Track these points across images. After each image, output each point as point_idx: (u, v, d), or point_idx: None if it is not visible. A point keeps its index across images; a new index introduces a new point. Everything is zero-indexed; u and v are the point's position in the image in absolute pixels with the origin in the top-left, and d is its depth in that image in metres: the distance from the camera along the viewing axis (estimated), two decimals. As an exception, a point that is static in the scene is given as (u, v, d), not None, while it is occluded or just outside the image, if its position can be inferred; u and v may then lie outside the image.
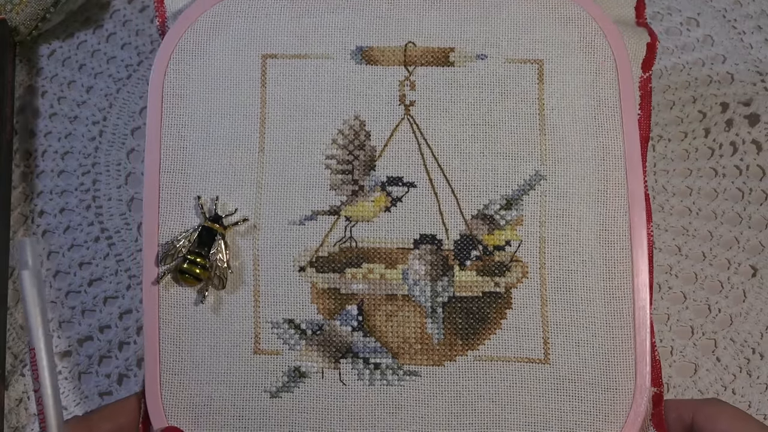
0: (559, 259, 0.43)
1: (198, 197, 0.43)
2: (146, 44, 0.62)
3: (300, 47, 0.45)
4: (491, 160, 0.43)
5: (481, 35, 0.45)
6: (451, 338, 0.43)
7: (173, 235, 0.43)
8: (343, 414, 0.42)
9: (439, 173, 0.44)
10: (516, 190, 0.43)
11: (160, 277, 0.43)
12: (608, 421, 0.42)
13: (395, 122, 0.44)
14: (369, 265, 0.43)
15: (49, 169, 0.57)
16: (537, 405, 0.42)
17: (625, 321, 0.42)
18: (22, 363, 0.51)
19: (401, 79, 0.44)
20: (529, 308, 0.43)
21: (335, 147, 0.44)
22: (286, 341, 0.43)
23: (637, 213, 0.43)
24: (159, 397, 0.42)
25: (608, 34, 0.45)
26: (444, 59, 0.45)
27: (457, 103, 0.44)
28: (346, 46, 0.45)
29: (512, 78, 0.44)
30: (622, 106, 0.44)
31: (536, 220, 0.43)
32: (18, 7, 0.60)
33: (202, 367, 0.42)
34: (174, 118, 0.44)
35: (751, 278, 0.53)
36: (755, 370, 0.50)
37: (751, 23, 0.62)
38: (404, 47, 0.45)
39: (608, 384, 0.42)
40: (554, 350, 0.42)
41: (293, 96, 0.44)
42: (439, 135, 0.44)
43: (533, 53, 0.44)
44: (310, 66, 0.45)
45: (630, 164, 0.43)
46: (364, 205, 0.43)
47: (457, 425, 0.42)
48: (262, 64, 0.45)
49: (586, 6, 0.45)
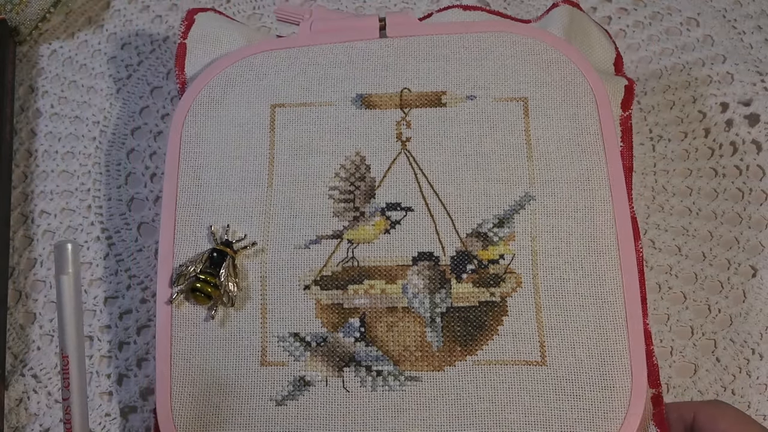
0: (551, 270, 0.45)
1: (210, 226, 0.47)
2: (146, 44, 0.62)
3: (305, 97, 0.49)
4: (483, 185, 0.47)
5: (470, 80, 0.49)
6: (451, 345, 0.44)
7: (186, 259, 0.46)
8: (346, 419, 0.43)
9: (435, 198, 0.47)
10: (507, 210, 0.46)
11: (173, 297, 0.45)
12: (607, 419, 0.42)
13: (393, 156, 0.48)
14: (370, 282, 0.45)
15: (50, 169, 0.57)
16: (536, 405, 0.43)
17: (619, 324, 0.44)
18: (22, 363, 0.51)
19: (398, 119, 0.48)
20: (525, 314, 0.45)
21: (338, 179, 0.47)
22: (291, 353, 0.45)
23: (624, 226, 0.46)
24: (170, 410, 0.44)
25: (586, 73, 0.49)
26: (437, 101, 0.49)
27: (449, 137, 0.48)
28: (347, 95, 0.49)
29: (500, 114, 0.48)
30: (603, 133, 0.47)
31: (528, 235, 0.46)
32: (18, 7, 0.60)
33: (211, 380, 0.44)
34: (190, 160, 0.48)
35: (751, 278, 0.53)
36: (755, 371, 0.50)
37: (751, 23, 0.62)
38: (400, 93, 0.49)
39: (605, 383, 0.43)
40: (551, 352, 0.44)
41: (299, 138, 0.48)
42: (433, 165, 0.47)
43: (518, 92, 0.48)
44: (315, 112, 0.49)
45: (614, 183, 0.46)
46: (365, 229, 0.46)
47: (458, 427, 0.43)
48: (271, 112, 0.49)
49: (565, 51, 0.49)
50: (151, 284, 0.53)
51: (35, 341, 0.52)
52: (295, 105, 0.49)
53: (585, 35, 0.52)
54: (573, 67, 0.49)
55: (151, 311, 0.53)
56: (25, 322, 0.53)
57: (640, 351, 0.43)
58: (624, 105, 0.50)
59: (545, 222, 0.46)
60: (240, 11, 0.64)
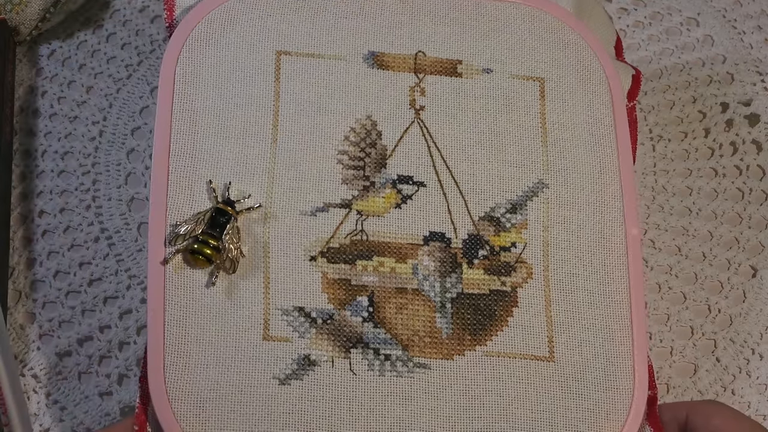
0: (561, 263, 0.44)
1: (210, 181, 0.44)
2: (146, 44, 0.62)
3: (314, 47, 0.46)
4: (497, 167, 0.45)
5: (487, 51, 0.47)
6: (460, 333, 0.43)
7: (183, 217, 0.43)
8: (353, 404, 0.42)
9: (448, 175, 0.45)
10: (521, 196, 0.45)
11: (169, 257, 0.42)
12: (609, 420, 0.42)
13: (406, 124, 0.46)
14: (380, 258, 0.44)
15: (49, 169, 0.57)
16: (543, 401, 0.43)
17: (624, 325, 0.44)
18: (22, 363, 0.51)
19: (411, 84, 0.46)
20: (534, 307, 0.44)
21: (347, 143, 0.45)
22: (296, 329, 0.42)
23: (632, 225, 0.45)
24: (163, 381, 0.41)
25: (602, 59, 0.48)
26: (452, 70, 0.47)
27: (464, 111, 0.46)
28: (359, 50, 0.46)
29: (516, 93, 0.47)
30: (616, 125, 0.47)
31: (540, 225, 0.45)
32: (18, 7, 0.60)
33: (209, 351, 0.42)
34: (185, 103, 0.45)
35: (751, 278, 0.53)
36: (755, 371, 0.50)
37: (751, 23, 0.62)
38: (414, 56, 0.47)
39: (609, 384, 0.43)
40: (558, 348, 0.43)
41: (306, 92, 0.45)
42: (447, 139, 0.45)
43: (535, 72, 0.47)
44: (324, 65, 0.46)
45: (624, 178, 0.46)
46: (375, 201, 0.44)
47: (466, 418, 0.42)
48: (276, 59, 0.46)
49: (583, 33, 0.48)
50: (151, 284, 0.53)
51: (35, 341, 0.52)
52: (302, 54, 0.46)
53: (591, 15, 0.51)
54: (590, 51, 0.48)
55: (151, 311, 0.53)
56: (25, 322, 0.53)
57: (643, 354, 0.43)
58: (630, 95, 0.49)
59: (557, 212, 0.45)
60: None
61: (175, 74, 0.45)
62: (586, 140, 0.46)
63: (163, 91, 0.45)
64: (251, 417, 0.41)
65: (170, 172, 0.43)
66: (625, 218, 0.45)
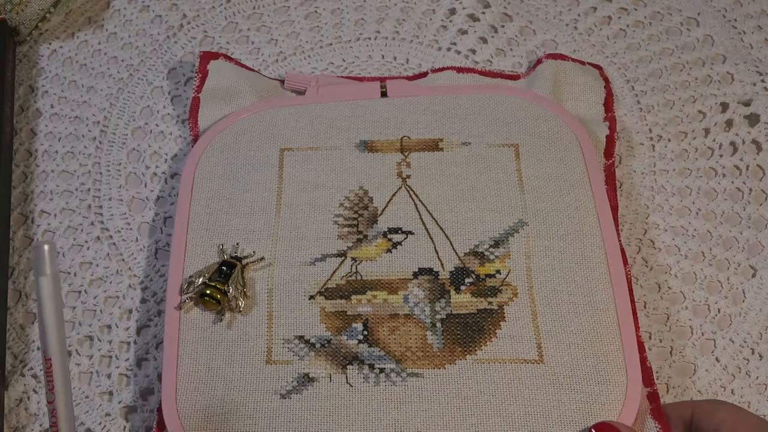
0: (545, 283, 0.48)
1: (221, 245, 0.50)
2: (147, 44, 0.62)
3: (312, 142, 0.54)
4: (479, 214, 0.51)
5: (465, 129, 0.54)
6: (451, 346, 0.47)
7: (196, 270, 0.49)
8: (350, 410, 0.45)
9: (434, 224, 0.51)
10: (502, 234, 0.50)
11: (182, 302, 0.48)
12: (604, 410, 0.45)
13: (394, 190, 0.52)
14: (373, 292, 0.48)
15: (50, 169, 0.58)
16: (536, 398, 0.45)
17: (612, 327, 0.47)
18: (22, 363, 0.51)
19: (398, 161, 0.53)
20: (522, 320, 0.47)
21: (342, 209, 0.51)
22: (296, 353, 0.47)
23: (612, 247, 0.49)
24: (174, 402, 0.45)
25: (571, 124, 0.54)
26: (434, 146, 0.54)
27: (447, 175, 0.52)
28: (352, 141, 0.54)
29: (494, 157, 0.53)
30: (589, 173, 0.52)
31: (522, 254, 0.49)
32: (18, 7, 0.60)
33: (217, 376, 0.46)
34: (202, 192, 0.52)
35: (751, 278, 0.53)
36: (754, 371, 0.50)
37: (751, 23, 0.62)
38: (400, 139, 0.54)
39: (600, 378, 0.45)
40: (548, 352, 0.46)
41: (306, 174, 0.53)
42: (432, 197, 0.52)
43: (510, 139, 0.54)
44: (321, 155, 0.53)
45: (601, 212, 0.51)
46: (368, 249, 0.50)
47: (461, 419, 0.44)
48: (280, 154, 0.54)
49: (552, 108, 0.55)
50: (151, 284, 0.53)
51: (35, 341, 0.52)
52: (302, 149, 0.54)
53: (571, 85, 0.57)
54: (559, 120, 0.54)
55: (151, 311, 0.53)
56: (25, 322, 0.53)
57: (632, 349, 0.46)
58: (606, 153, 0.55)
59: (538, 243, 0.49)
60: (240, 11, 0.64)
61: (195, 172, 0.53)
62: (561, 186, 0.52)
63: (183, 186, 0.53)
64: (254, 428, 0.45)
65: (187, 243, 0.50)
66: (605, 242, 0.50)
